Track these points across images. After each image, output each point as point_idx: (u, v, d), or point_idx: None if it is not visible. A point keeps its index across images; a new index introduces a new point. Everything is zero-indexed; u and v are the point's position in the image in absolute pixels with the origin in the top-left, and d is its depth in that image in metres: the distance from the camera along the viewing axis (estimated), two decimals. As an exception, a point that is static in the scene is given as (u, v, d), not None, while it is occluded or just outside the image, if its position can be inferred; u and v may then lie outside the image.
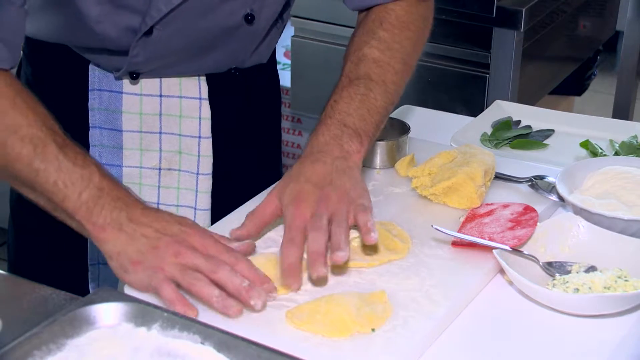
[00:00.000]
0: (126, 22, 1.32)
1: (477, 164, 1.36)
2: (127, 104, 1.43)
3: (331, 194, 1.20)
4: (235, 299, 1.10)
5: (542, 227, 1.26)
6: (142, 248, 1.12)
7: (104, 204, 1.14)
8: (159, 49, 1.36)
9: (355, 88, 1.31)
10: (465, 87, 2.44)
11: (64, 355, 0.98)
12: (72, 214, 1.14)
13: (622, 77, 2.89)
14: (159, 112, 1.44)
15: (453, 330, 1.12)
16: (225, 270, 1.10)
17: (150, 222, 1.14)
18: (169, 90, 1.44)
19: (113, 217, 1.13)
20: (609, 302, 1.12)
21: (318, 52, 2.56)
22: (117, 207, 1.14)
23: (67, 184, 1.14)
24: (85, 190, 1.14)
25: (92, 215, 1.13)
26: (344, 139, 1.26)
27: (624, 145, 1.54)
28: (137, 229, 1.13)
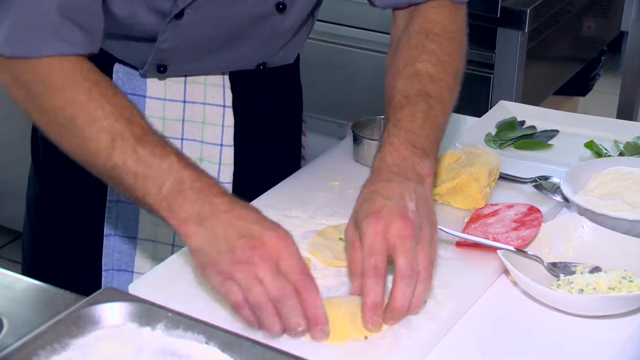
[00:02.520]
0: (157, 4, 1.27)
1: (482, 164, 1.36)
2: (150, 108, 1.41)
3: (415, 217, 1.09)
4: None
5: (546, 228, 1.26)
6: (220, 248, 1.06)
7: (186, 197, 1.08)
8: (188, 34, 1.32)
9: (415, 105, 1.24)
10: (470, 88, 2.42)
11: (69, 354, 0.98)
12: (154, 209, 1.10)
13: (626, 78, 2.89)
14: (182, 118, 1.42)
15: (457, 330, 1.12)
16: (289, 307, 1.04)
17: (233, 219, 1.07)
18: (194, 96, 1.42)
19: (195, 211, 1.08)
20: (613, 303, 1.12)
21: (322, 52, 2.56)
22: (199, 200, 1.08)
23: (146, 177, 1.10)
24: (165, 183, 1.09)
25: (174, 210, 1.08)
26: (415, 160, 1.18)
27: (628, 145, 1.53)
28: (217, 226, 1.06)
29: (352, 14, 2.49)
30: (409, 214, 1.09)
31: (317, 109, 2.73)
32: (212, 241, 1.06)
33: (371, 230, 1.08)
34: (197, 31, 1.33)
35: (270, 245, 1.05)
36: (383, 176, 1.16)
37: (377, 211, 1.09)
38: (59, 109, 1.14)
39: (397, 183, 1.14)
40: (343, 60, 2.56)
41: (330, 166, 1.50)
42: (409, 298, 1.07)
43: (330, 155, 1.55)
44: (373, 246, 1.07)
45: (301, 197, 1.39)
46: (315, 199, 1.39)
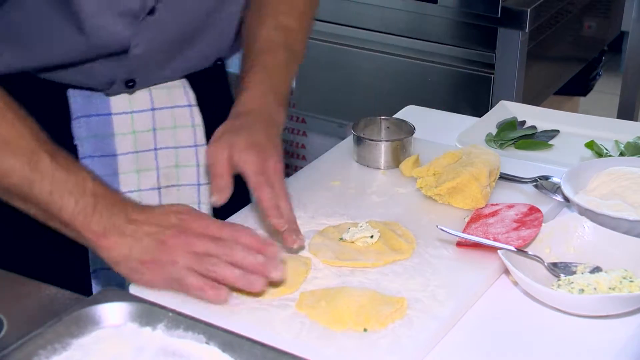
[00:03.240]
0: (125, 5, 1.27)
1: (482, 164, 1.36)
2: (118, 125, 1.39)
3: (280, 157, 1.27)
4: (255, 274, 1.11)
5: (547, 228, 1.26)
6: (149, 246, 1.11)
7: (102, 211, 1.12)
8: (159, 33, 1.32)
9: (279, 55, 1.39)
10: (470, 88, 2.44)
11: (69, 354, 0.98)
12: (70, 224, 1.13)
13: (627, 78, 2.89)
14: (152, 127, 1.42)
15: (458, 330, 1.12)
16: (238, 250, 1.11)
17: (148, 219, 1.13)
18: (160, 102, 1.42)
19: (112, 223, 1.12)
20: (614, 303, 1.12)
21: (322, 52, 2.56)
22: (115, 212, 1.13)
23: (62, 193, 1.12)
24: (81, 198, 1.12)
25: (91, 223, 1.12)
26: (275, 107, 1.34)
27: (629, 145, 1.53)
28: (138, 229, 1.12)
29: (353, 14, 2.50)
30: (279, 154, 1.28)
31: (318, 109, 2.73)
32: (138, 244, 1.11)
33: (254, 158, 1.24)
34: (167, 28, 1.33)
35: (193, 225, 1.13)
36: (254, 117, 1.31)
37: (258, 144, 1.25)
38: None
39: (265, 124, 1.30)
40: (343, 61, 2.56)
41: (331, 166, 1.50)
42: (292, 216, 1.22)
43: (331, 155, 1.55)
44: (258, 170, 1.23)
45: (302, 197, 1.39)
46: (315, 199, 1.39)
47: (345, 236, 1.26)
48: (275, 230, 1.23)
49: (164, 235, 1.12)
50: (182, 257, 1.11)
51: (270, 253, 1.13)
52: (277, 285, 1.15)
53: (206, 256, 1.11)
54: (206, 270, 1.10)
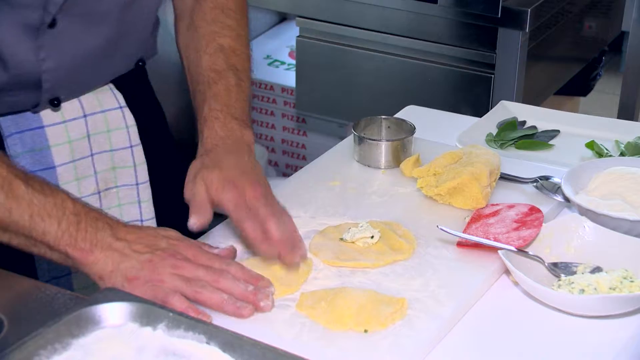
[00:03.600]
0: (26, 17, 1.25)
1: (483, 164, 1.36)
2: (52, 137, 1.37)
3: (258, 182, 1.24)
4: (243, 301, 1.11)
5: (547, 228, 1.26)
6: (136, 264, 1.11)
7: (86, 228, 1.12)
8: (67, 43, 1.30)
9: (227, 80, 1.37)
10: (471, 88, 2.43)
11: (70, 354, 0.98)
12: (54, 245, 1.11)
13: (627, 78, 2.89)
14: (87, 134, 1.41)
15: (458, 330, 1.12)
16: (228, 279, 1.12)
17: (138, 238, 1.13)
18: (91, 108, 1.41)
19: (99, 238, 1.12)
20: (614, 303, 1.12)
21: (323, 52, 2.56)
22: (100, 227, 1.12)
23: (43, 216, 1.11)
24: (62, 218, 1.11)
25: (77, 241, 1.11)
26: (241, 131, 1.32)
27: (629, 145, 1.53)
28: (127, 246, 1.12)
29: (353, 14, 2.50)
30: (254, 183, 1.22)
31: (318, 109, 2.73)
32: (125, 260, 1.11)
33: (230, 196, 1.20)
34: (75, 39, 1.31)
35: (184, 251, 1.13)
36: (220, 148, 1.29)
37: (232, 180, 1.22)
38: None
39: (236, 154, 1.28)
40: (343, 60, 2.56)
41: (331, 166, 1.50)
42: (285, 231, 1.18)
43: (331, 155, 1.55)
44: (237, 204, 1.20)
45: (302, 198, 1.39)
46: (316, 199, 1.39)
47: (346, 236, 1.26)
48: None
49: (153, 256, 1.12)
50: (169, 277, 1.10)
51: (261, 285, 1.13)
52: (277, 285, 1.15)
53: (194, 280, 1.11)
54: (193, 292, 1.10)
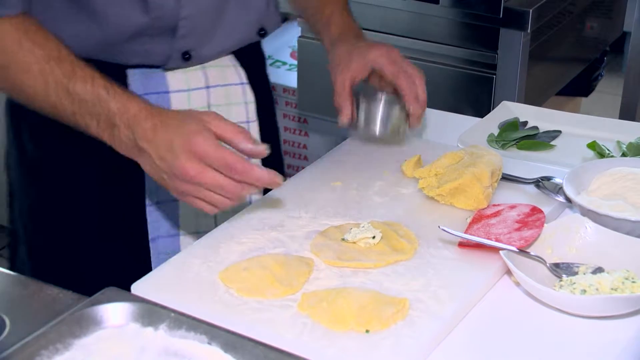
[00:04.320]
0: None
1: (484, 164, 1.36)
2: (175, 103, 1.44)
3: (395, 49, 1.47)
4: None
5: (549, 228, 1.26)
6: (159, 172, 1.18)
7: (120, 130, 1.19)
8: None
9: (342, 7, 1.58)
10: (472, 88, 2.43)
11: (71, 354, 0.98)
12: (100, 137, 1.21)
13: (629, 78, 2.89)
14: (207, 104, 1.47)
15: (460, 331, 1.12)
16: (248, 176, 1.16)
17: (158, 143, 1.16)
18: (214, 80, 1.47)
19: (130, 142, 1.18)
20: (616, 304, 1.12)
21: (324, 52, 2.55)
22: (130, 131, 1.18)
23: (83, 114, 1.20)
24: (100, 117, 1.19)
25: (114, 140, 1.20)
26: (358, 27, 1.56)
27: (631, 146, 1.53)
28: (151, 154, 1.17)
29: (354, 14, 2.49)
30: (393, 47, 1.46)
31: (319, 110, 2.73)
32: (154, 170, 1.19)
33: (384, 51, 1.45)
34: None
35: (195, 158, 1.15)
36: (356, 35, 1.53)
37: (378, 43, 1.47)
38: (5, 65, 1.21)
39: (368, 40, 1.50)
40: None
41: (333, 167, 1.50)
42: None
43: (333, 155, 1.55)
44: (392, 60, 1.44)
45: (303, 198, 1.39)
46: (317, 199, 1.39)
47: (347, 237, 1.26)
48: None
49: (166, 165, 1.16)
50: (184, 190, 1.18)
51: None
52: (279, 285, 1.15)
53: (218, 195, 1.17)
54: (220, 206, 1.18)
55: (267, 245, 1.25)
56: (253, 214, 1.34)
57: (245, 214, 1.34)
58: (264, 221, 1.32)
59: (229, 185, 1.16)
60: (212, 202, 1.18)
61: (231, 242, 1.26)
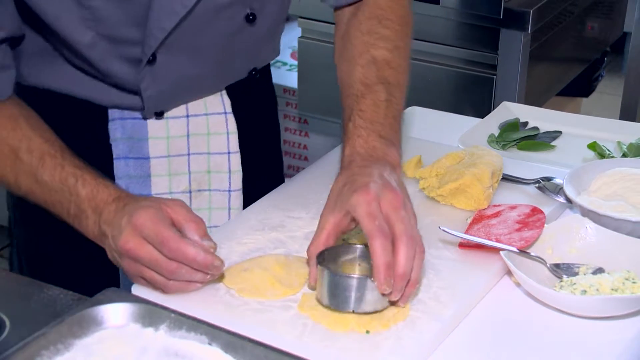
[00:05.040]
0: (127, 54, 1.29)
1: (485, 165, 1.35)
2: (152, 130, 1.39)
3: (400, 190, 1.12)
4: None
5: (549, 229, 1.25)
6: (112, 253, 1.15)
7: (88, 217, 1.17)
8: (168, 74, 1.33)
9: (377, 94, 1.27)
10: (473, 89, 2.43)
11: (72, 355, 0.98)
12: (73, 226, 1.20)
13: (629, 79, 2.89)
14: (187, 133, 1.42)
15: (460, 331, 1.12)
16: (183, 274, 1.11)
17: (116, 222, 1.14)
18: (195, 110, 1.41)
19: (96, 229, 1.17)
20: (616, 304, 1.12)
21: (325, 53, 2.55)
22: (97, 217, 1.17)
23: (54, 203, 1.20)
24: (70, 205, 1.19)
25: (82, 227, 1.19)
26: (384, 150, 1.21)
27: (631, 146, 1.53)
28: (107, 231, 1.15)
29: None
30: (395, 187, 1.12)
31: (319, 110, 2.73)
32: (110, 252, 1.16)
33: (363, 199, 1.09)
34: (176, 70, 1.33)
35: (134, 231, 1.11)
36: (358, 164, 1.18)
37: (364, 185, 1.10)
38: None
39: (374, 168, 1.16)
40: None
41: (333, 167, 1.49)
42: (412, 262, 1.07)
43: (333, 156, 1.55)
44: (370, 212, 1.08)
45: (304, 198, 1.39)
46: (318, 200, 1.38)
47: (348, 237, 1.25)
48: None
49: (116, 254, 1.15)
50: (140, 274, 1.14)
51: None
52: (279, 286, 1.15)
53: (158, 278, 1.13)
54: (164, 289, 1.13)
55: (268, 246, 1.25)
56: (253, 215, 1.34)
57: (245, 215, 1.34)
58: (264, 222, 1.32)
59: (163, 262, 1.10)
60: (154, 282, 1.12)
61: (231, 242, 1.26)
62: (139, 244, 1.10)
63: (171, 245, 1.09)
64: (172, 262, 1.10)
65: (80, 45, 1.28)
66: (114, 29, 1.26)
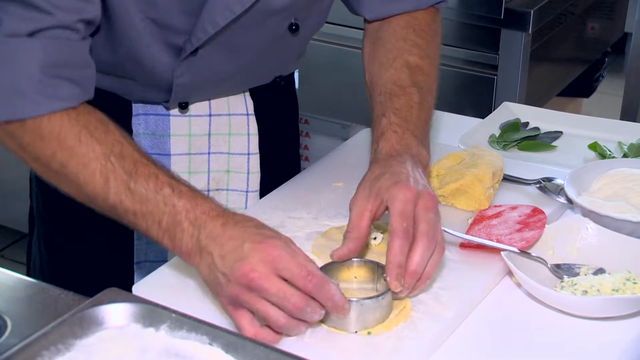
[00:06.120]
0: (171, 41, 1.29)
1: (485, 165, 1.36)
2: (175, 127, 1.40)
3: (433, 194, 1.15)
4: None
5: (550, 229, 1.25)
6: (219, 278, 1.07)
7: (183, 230, 1.09)
8: (204, 67, 1.33)
9: (410, 97, 1.30)
10: (473, 89, 2.43)
11: (73, 355, 0.98)
12: (159, 242, 1.12)
13: (630, 79, 2.89)
14: (208, 132, 1.43)
15: (461, 332, 1.12)
16: (309, 313, 1.04)
17: (225, 241, 1.07)
18: (218, 109, 1.43)
19: (194, 242, 1.09)
20: (617, 305, 1.12)
21: (326, 53, 2.56)
22: (195, 230, 1.09)
23: (145, 214, 1.11)
24: (163, 218, 1.10)
25: (175, 242, 1.10)
26: (418, 149, 1.23)
27: (632, 147, 1.53)
28: (212, 253, 1.07)
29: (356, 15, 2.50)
30: (431, 192, 1.15)
31: (321, 111, 2.73)
32: (211, 271, 1.07)
33: (402, 196, 1.12)
34: (213, 63, 1.34)
35: (265, 260, 1.04)
36: (395, 158, 1.20)
37: (406, 181, 1.14)
38: (50, 157, 1.14)
39: (409, 164, 1.19)
40: (346, 62, 2.56)
41: (334, 167, 1.50)
42: (425, 263, 1.10)
43: (334, 156, 1.55)
44: (404, 211, 1.11)
45: (305, 198, 1.39)
46: (319, 200, 1.39)
47: (349, 237, 1.25)
48: None
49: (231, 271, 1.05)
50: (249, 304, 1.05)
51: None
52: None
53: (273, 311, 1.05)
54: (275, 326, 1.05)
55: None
56: (254, 215, 1.33)
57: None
58: (264, 222, 1.31)
59: (295, 297, 1.03)
60: (267, 317, 1.04)
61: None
62: (267, 275, 1.03)
63: (316, 280, 1.03)
64: (304, 298, 1.03)
65: (129, 27, 1.25)
66: (166, 15, 1.26)
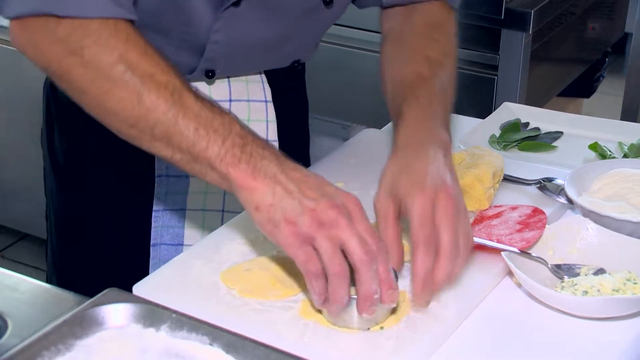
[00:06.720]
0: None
1: (486, 165, 1.36)
2: None
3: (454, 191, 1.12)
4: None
5: (550, 230, 1.25)
6: (298, 206, 1.02)
7: (252, 152, 1.05)
8: (241, 26, 1.32)
9: (433, 88, 1.29)
10: (474, 89, 2.43)
11: (73, 355, 0.98)
12: (216, 163, 1.06)
13: (630, 79, 2.89)
14: None
15: (461, 332, 1.12)
16: (371, 272, 1.02)
17: (304, 177, 1.05)
18: (238, 94, 1.44)
19: (264, 165, 1.04)
20: (617, 305, 1.12)
21: (326, 53, 2.55)
22: (266, 155, 1.06)
23: (208, 131, 1.07)
24: (228, 137, 1.06)
25: (241, 161, 1.05)
26: (440, 130, 1.22)
27: (632, 147, 1.53)
28: (293, 184, 1.03)
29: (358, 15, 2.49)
30: (450, 190, 1.11)
31: (322, 111, 2.72)
32: (289, 198, 1.02)
33: (419, 199, 1.09)
34: (250, 23, 1.33)
35: (351, 207, 1.03)
36: (413, 147, 1.17)
37: (420, 183, 1.10)
38: (112, 64, 1.10)
39: (430, 150, 1.16)
40: (348, 62, 2.56)
41: (335, 167, 1.50)
42: (447, 277, 1.09)
43: (335, 156, 1.55)
44: (423, 218, 1.08)
45: (305, 199, 1.38)
46: (319, 200, 1.39)
47: (349, 238, 1.25)
48: None
49: (318, 203, 1.02)
50: (321, 238, 1.01)
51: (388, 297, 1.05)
52: (280, 286, 1.15)
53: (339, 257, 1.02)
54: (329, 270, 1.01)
55: (269, 246, 1.25)
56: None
57: (247, 214, 1.34)
58: (265, 222, 1.32)
59: (374, 241, 1.02)
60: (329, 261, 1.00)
61: (233, 242, 1.26)
62: (346, 220, 1.01)
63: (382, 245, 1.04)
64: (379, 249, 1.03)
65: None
66: None
